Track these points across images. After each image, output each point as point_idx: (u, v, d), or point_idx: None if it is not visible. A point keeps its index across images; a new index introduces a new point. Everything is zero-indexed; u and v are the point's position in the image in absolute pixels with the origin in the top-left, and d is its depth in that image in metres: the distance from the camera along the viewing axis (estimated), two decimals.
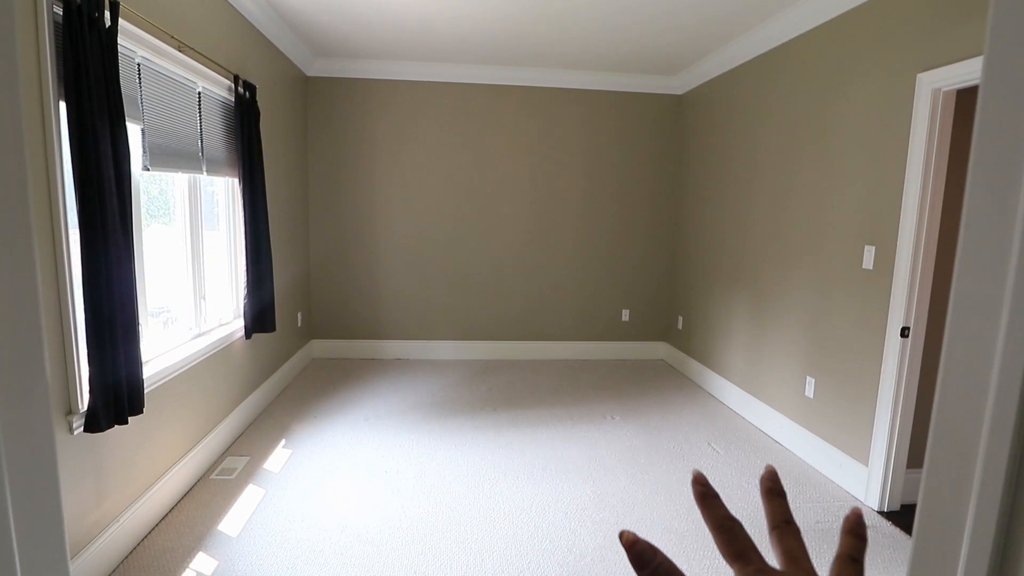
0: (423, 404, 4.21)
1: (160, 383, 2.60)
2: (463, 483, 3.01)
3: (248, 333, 3.49)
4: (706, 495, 0.36)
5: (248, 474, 3.02)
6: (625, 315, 5.71)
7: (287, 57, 4.49)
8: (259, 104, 3.70)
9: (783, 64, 3.82)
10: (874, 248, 3.05)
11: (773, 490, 0.38)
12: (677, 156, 5.54)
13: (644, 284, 5.70)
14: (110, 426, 2.01)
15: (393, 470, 3.13)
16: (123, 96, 2.22)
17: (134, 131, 2.51)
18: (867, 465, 3.01)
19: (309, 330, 5.31)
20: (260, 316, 3.62)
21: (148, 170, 2.55)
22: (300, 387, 4.50)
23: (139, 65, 2.50)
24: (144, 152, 2.53)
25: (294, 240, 4.83)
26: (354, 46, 4.63)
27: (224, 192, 3.63)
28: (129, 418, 2.10)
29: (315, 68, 5.06)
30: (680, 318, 5.42)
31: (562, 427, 3.84)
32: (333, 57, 4.99)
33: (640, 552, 0.31)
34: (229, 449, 3.31)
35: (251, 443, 3.41)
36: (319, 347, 5.41)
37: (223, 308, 3.58)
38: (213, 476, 2.98)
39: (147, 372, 2.51)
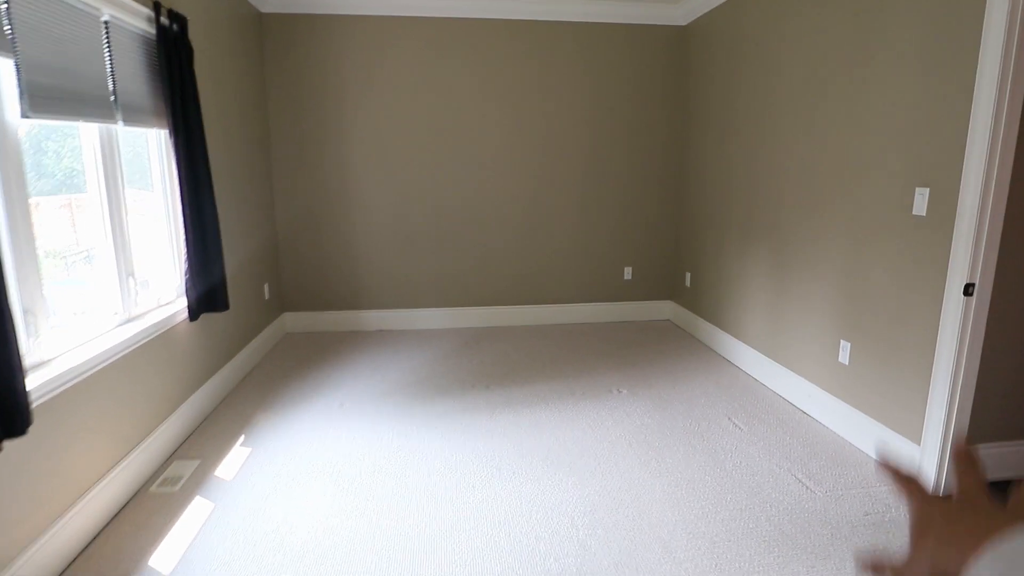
0: (407, 383, 3.75)
1: (72, 382, 2.11)
2: (451, 484, 2.57)
3: (193, 314, 2.98)
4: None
5: (196, 483, 2.55)
6: (627, 273, 5.22)
7: None
8: (193, 41, 3.10)
9: None
10: (928, 190, 2.55)
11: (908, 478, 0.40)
12: (682, 94, 4.95)
13: (647, 238, 5.19)
14: None
15: (368, 470, 2.68)
16: None
17: (5, 66, 1.95)
18: (920, 443, 2.59)
19: (280, 303, 4.80)
20: (209, 294, 3.10)
21: (28, 117, 2.00)
22: (268, 369, 4.02)
23: None
24: (21, 94, 1.97)
25: (256, 203, 4.27)
26: None
27: (156, 148, 3.06)
28: (5, 442, 1.61)
29: (270, 3, 4.40)
30: (688, 274, 4.94)
31: (563, 405, 3.40)
32: None
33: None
34: (177, 452, 2.83)
35: (204, 442, 2.93)
36: (292, 321, 4.91)
37: (164, 286, 3.06)
38: (153, 488, 2.50)
39: (53, 371, 2.02)
